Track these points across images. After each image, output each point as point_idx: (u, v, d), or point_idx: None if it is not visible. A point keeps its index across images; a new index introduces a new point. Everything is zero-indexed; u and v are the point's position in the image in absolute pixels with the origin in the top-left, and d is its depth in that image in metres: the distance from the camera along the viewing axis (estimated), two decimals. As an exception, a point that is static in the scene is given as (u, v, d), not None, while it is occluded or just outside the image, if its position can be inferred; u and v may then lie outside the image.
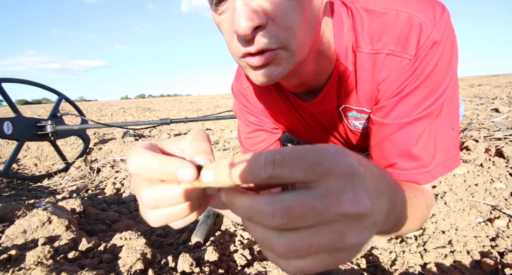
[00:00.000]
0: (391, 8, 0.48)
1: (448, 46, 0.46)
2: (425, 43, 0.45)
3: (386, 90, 0.52)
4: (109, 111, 6.05)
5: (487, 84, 5.66)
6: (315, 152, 0.21)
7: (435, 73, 0.47)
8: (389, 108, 0.52)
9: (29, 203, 1.04)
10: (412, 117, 0.49)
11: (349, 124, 0.68)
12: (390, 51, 0.48)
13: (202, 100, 9.78)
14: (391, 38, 0.48)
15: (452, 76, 0.49)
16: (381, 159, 0.55)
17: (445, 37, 0.45)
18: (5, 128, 1.29)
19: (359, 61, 0.53)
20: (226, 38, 0.46)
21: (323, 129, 0.78)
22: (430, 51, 0.45)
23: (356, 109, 0.61)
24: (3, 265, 0.52)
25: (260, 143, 0.81)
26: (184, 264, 0.53)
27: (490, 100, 2.78)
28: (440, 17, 0.45)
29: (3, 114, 5.85)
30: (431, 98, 0.48)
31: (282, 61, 0.44)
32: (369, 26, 0.50)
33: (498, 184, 0.70)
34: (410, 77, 0.48)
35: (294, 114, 0.75)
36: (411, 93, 0.48)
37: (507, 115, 1.55)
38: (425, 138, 0.50)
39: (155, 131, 2.61)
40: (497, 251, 0.52)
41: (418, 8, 0.46)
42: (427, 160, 0.51)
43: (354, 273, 0.49)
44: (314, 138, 0.88)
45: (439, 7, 0.46)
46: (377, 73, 0.51)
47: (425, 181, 0.52)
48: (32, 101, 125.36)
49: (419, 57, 0.46)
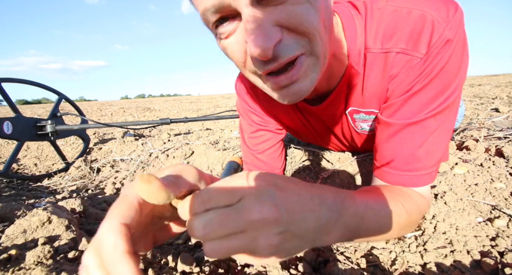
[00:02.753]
0: (403, 6, 0.47)
1: (459, 45, 0.45)
2: (438, 41, 0.44)
3: (395, 88, 0.51)
4: (109, 111, 6.05)
5: (487, 84, 5.66)
6: (233, 182, 0.29)
7: (445, 73, 0.45)
8: (396, 106, 0.51)
9: (29, 203, 1.04)
10: (419, 117, 0.48)
11: (355, 127, 0.67)
12: (401, 50, 0.47)
13: (202, 100, 9.78)
14: (402, 36, 0.47)
15: (463, 77, 0.48)
16: (382, 158, 0.55)
17: (457, 36, 0.44)
18: (5, 128, 1.29)
19: (369, 61, 0.51)
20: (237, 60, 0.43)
21: (328, 131, 0.77)
22: (442, 50, 0.44)
23: (364, 111, 0.60)
24: (3, 265, 0.51)
25: (263, 143, 0.80)
26: (184, 264, 0.53)
27: (490, 100, 2.78)
28: (454, 16, 0.44)
29: (3, 114, 5.85)
30: (440, 98, 0.47)
31: (309, 70, 0.41)
32: (379, 25, 0.48)
33: (498, 184, 0.70)
34: (419, 76, 0.47)
35: (298, 116, 0.74)
36: (419, 92, 0.47)
37: (507, 115, 1.55)
38: (432, 140, 0.49)
39: (155, 131, 2.61)
40: (497, 250, 0.52)
41: (432, 6, 0.45)
42: (430, 162, 0.50)
43: (354, 273, 0.49)
44: (316, 139, 0.87)
45: (453, 6, 0.45)
46: (388, 72, 0.50)
47: (425, 182, 0.51)
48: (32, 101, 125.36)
49: (431, 56, 0.45)
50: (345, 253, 0.58)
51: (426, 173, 0.51)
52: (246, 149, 0.83)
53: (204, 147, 1.53)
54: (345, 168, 0.92)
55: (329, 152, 1.00)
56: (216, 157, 1.35)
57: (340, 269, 0.50)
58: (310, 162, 1.06)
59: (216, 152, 1.40)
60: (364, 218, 0.39)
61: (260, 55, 0.36)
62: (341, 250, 0.59)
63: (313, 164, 1.04)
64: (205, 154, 1.41)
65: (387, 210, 0.44)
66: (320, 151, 1.05)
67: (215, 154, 1.38)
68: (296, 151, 1.13)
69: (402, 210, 0.46)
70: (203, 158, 1.37)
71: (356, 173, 0.90)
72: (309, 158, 1.08)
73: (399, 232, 0.48)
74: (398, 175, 0.52)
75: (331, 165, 0.97)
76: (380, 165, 0.56)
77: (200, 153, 1.42)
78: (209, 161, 1.35)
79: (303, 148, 1.13)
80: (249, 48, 0.36)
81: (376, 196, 0.46)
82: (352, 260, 0.55)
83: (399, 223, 0.45)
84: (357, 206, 0.38)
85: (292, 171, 1.04)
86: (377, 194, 0.47)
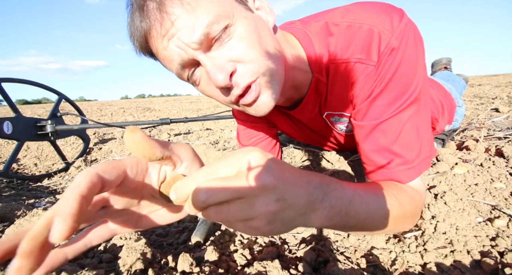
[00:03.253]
0: (354, 21, 0.53)
1: (409, 50, 0.50)
2: (385, 50, 0.50)
3: (358, 95, 0.56)
4: (109, 111, 6.05)
5: (487, 84, 5.66)
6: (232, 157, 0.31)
7: (399, 76, 0.50)
8: (363, 111, 0.56)
9: (29, 203, 1.04)
10: (384, 117, 0.52)
11: (335, 128, 0.74)
12: (357, 59, 0.53)
13: (202, 100, 9.78)
14: (356, 47, 0.53)
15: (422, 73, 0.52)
16: (365, 159, 0.59)
17: (403, 43, 0.49)
18: (5, 128, 1.29)
19: (333, 71, 0.58)
20: (215, 97, 0.54)
21: (313, 133, 0.84)
22: (390, 57, 0.50)
23: (337, 114, 0.67)
24: (3, 265, 0.51)
25: (255, 137, 0.88)
26: (184, 264, 0.53)
27: (490, 100, 2.78)
28: (398, 25, 0.50)
29: (3, 114, 5.85)
30: (402, 97, 0.51)
31: (269, 85, 0.50)
32: (338, 39, 0.55)
33: (498, 183, 0.70)
34: (376, 81, 0.52)
35: (287, 121, 0.82)
36: (379, 95, 0.52)
37: (507, 115, 1.55)
38: (406, 135, 0.53)
39: (155, 131, 2.60)
40: (497, 250, 0.52)
41: (377, 19, 0.51)
42: (410, 156, 0.53)
43: (354, 273, 0.49)
44: (308, 140, 0.95)
45: (397, 15, 0.50)
46: (350, 79, 0.56)
47: (410, 177, 0.54)
48: (32, 101, 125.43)
49: (381, 63, 0.51)
50: (345, 253, 0.58)
51: (410, 167, 0.53)
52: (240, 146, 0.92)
53: (204, 147, 1.54)
54: (345, 168, 0.92)
55: (329, 152, 1.00)
56: (216, 157, 1.35)
57: (340, 269, 0.50)
58: (310, 162, 1.06)
59: (216, 152, 1.40)
60: (352, 202, 0.41)
61: (221, 83, 0.46)
62: (341, 250, 0.59)
63: (313, 164, 1.04)
64: (205, 154, 1.41)
65: (377, 198, 0.46)
66: (320, 151, 1.05)
67: (215, 154, 1.38)
68: (296, 151, 1.13)
69: (395, 201, 0.47)
70: (203, 158, 1.38)
71: (356, 173, 0.90)
72: (309, 158, 1.08)
73: (395, 225, 0.49)
74: (383, 173, 0.55)
75: (331, 165, 0.97)
76: (366, 166, 0.59)
77: (200, 153, 1.43)
78: (209, 161, 1.35)
79: (303, 148, 1.13)
80: (213, 82, 0.47)
81: (366, 186, 0.49)
82: (352, 260, 0.55)
83: (392, 214, 0.47)
84: (343, 191, 0.41)
85: (292, 171, 1.04)
86: (367, 185, 0.50)
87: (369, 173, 0.59)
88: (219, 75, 0.45)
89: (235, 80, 0.48)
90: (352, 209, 0.41)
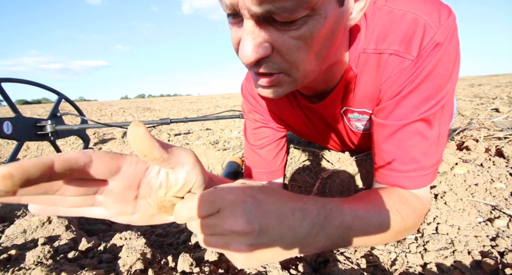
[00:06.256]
0: (398, 8, 0.48)
1: (450, 50, 0.46)
2: (428, 44, 0.45)
3: (387, 90, 0.52)
4: (109, 111, 6.05)
5: (487, 84, 5.65)
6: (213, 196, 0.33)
7: (435, 76, 0.46)
8: (389, 109, 0.52)
9: (29, 203, 1.04)
10: (411, 119, 0.49)
11: (350, 126, 0.69)
12: (394, 51, 0.48)
13: (202, 100, 9.78)
14: (395, 38, 0.48)
15: (454, 81, 0.49)
16: (380, 160, 0.55)
17: (447, 40, 0.45)
18: (5, 128, 1.29)
19: (363, 61, 0.53)
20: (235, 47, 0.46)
21: (327, 129, 0.78)
22: (432, 53, 0.45)
23: (357, 111, 0.62)
24: (3, 265, 0.51)
25: (263, 139, 0.83)
26: (184, 264, 0.53)
27: (490, 100, 2.78)
28: (446, 20, 0.45)
29: (3, 114, 5.85)
30: (431, 101, 0.48)
31: (285, 84, 0.46)
32: (376, 26, 0.49)
33: (498, 184, 0.70)
34: (409, 78, 0.48)
35: (300, 115, 0.76)
36: (409, 95, 0.48)
37: (507, 115, 1.55)
38: (428, 142, 0.50)
39: (155, 131, 2.60)
40: (497, 251, 0.52)
41: (425, 9, 0.46)
42: (428, 163, 0.51)
43: (354, 273, 0.49)
44: (316, 138, 0.90)
45: (445, 10, 0.46)
46: (381, 73, 0.51)
47: (421, 184, 0.52)
48: (32, 101, 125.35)
49: (421, 58, 0.46)
50: (345, 253, 0.58)
51: (424, 174, 0.51)
52: (247, 145, 0.87)
53: (204, 147, 1.53)
54: (345, 168, 0.92)
55: (329, 152, 1.00)
56: (216, 157, 1.35)
57: (340, 269, 0.50)
58: (310, 162, 1.06)
59: (216, 152, 1.40)
60: (352, 228, 0.41)
61: (243, 61, 0.41)
62: (341, 250, 0.59)
63: (313, 164, 1.04)
64: (205, 154, 1.41)
65: (379, 217, 0.45)
66: (320, 151, 1.05)
67: (215, 154, 1.38)
68: (296, 151, 1.13)
69: (397, 216, 0.46)
70: (203, 158, 1.37)
71: (356, 173, 0.90)
72: (309, 158, 1.08)
73: (394, 238, 0.49)
74: (396, 177, 0.53)
75: (331, 165, 0.97)
76: (378, 167, 0.56)
77: (200, 153, 1.42)
78: (209, 161, 1.35)
79: (303, 148, 1.13)
80: (239, 50, 0.41)
81: (368, 203, 0.47)
82: (352, 260, 0.55)
83: (394, 230, 0.46)
84: (343, 217, 0.40)
85: (292, 171, 1.04)
86: (370, 201, 0.48)
87: (380, 174, 0.56)
88: (248, 52, 0.38)
89: (261, 62, 0.42)
90: (351, 233, 0.41)
